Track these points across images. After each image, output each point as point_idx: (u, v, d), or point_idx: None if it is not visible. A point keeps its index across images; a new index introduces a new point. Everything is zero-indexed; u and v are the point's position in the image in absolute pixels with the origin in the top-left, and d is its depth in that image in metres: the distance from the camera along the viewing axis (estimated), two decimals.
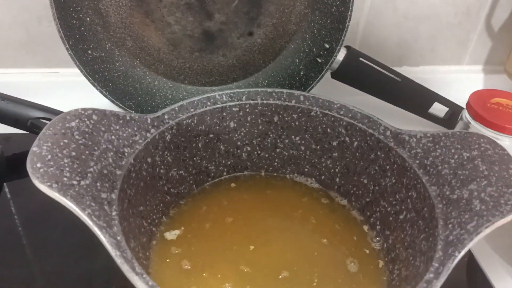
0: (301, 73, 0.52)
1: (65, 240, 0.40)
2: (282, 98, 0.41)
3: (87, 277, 0.37)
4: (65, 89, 0.55)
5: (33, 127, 0.47)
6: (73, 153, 0.29)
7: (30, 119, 0.47)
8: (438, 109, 0.54)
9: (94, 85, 0.48)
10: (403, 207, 0.35)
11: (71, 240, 0.40)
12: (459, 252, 0.27)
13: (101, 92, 0.49)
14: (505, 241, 0.42)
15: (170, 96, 0.54)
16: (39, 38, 0.54)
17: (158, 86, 0.54)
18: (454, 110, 0.54)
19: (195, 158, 0.41)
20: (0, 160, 0.44)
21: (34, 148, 0.28)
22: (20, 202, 0.45)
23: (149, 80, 0.53)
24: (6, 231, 0.41)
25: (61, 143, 0.29)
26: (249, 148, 0.43)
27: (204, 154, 0.41)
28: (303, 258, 0.37)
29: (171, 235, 0.38)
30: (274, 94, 0.41)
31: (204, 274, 0.34)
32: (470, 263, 0.41)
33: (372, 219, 0.39)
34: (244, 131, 0.42)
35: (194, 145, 0.40)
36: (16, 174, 0.47)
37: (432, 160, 0.34)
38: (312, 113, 0.40)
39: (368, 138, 0.38)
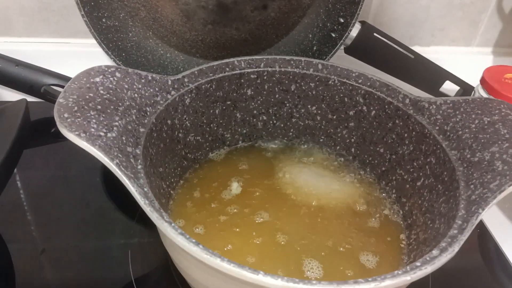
0: (314, 48, 0.52)
1: (72, 216, 0.41)
2: (300, 66, 0.41)
3: (94, 254, 0.38)
4: (76, 59, 0.55)
5: (47, 94, 0.47)
6: (99, 107, 0.29)
7: (43, 86, 0.47)
8: (449, 88, 0.54)
9: (108, 54, 0.48)
10: (420, 174, 0.36)
11: (78, 217, 0.41)
12: (483, 209, 0.27)
13: (114, 61, 0.49)
14: None
15: (182, 69, 0.54)
16: (52, 6, 0.54)
17: (170, 59, 0.54)
18: (464, 89, 0.54)
19: (211, 125, 0.41)
20: (24, 122, 0.38)
21: (60, 100, 0.28)
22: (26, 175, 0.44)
23: (161, 52, 0.53)
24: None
25: (87, 96, 0.29)
26: (265, 117, 0.43)
27: (221, 121, 0.41)
28: (318, 225, 0.37)
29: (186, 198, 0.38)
30: (292, 62, 0.41)
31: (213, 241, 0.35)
32: (482, 233, 0.41)
33: (387, 188, 0.40)
34: (261, 99, 0.42)
35: (211, 111, 0.40)
36: (33, 142, 0.47)
37: (452, 126, 0.34)
38: (330, 82, 0.40)
39: (386, 106, 0.38)
